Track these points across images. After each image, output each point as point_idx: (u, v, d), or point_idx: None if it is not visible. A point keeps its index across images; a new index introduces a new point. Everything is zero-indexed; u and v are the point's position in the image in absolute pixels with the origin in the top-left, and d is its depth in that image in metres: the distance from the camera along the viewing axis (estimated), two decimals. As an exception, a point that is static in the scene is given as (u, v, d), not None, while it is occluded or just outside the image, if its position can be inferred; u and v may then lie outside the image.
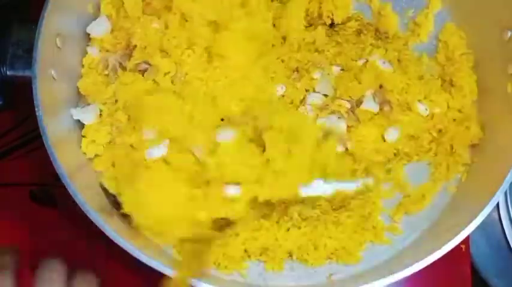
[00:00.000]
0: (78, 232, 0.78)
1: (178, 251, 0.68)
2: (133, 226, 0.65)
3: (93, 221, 0.61)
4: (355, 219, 0.70)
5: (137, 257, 0.60)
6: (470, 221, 0.62)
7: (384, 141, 0.71)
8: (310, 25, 0.75)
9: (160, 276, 0.60)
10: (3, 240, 0.79)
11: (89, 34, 0.73)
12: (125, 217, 0.65)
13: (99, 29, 0.72)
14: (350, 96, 0.71)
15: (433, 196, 0.73)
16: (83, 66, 0.72)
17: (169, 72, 0.69)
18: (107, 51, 0.72)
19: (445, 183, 0.73)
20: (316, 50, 0.74)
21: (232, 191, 0.65)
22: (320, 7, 0.75)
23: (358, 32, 0.75)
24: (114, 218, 0.66)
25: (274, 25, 0.73)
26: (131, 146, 0.67)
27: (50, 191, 0.80)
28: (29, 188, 0.81)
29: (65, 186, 0.62)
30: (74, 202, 0.62)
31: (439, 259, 0.61)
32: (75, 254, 0.77)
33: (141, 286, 0.76)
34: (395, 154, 0.72)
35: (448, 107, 0.73)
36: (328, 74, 0.72)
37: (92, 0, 0.73)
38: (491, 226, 0.84)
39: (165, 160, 0.66)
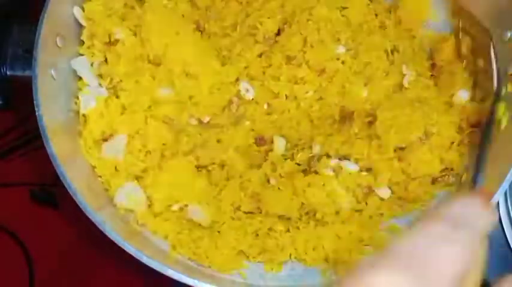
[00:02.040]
0: (78, 231, 0.78)
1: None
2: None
3: (93, 221, 0.61)
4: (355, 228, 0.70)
5: (137, 257, 0.61)
6: (470, 222, 0.62)
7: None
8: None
9: (160, 276, 0.60)
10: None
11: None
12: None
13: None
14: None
15: (433, 196, 0.72)
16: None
17: None
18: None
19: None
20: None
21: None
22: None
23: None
24: (114, 218, 0.66)
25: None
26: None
27: (50, 191, 0.80)
28: (29, 188, 0.81)
29: (65, 186, 0.62)
30: (74, 201, 0.62)
31: (439, 259, 0.61)
32: (75, 254, 0.78)
33: (141, 285, 0.76)
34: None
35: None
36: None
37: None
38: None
39: None
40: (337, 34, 0.73)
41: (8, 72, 0.69)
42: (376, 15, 0.77)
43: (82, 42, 0.73)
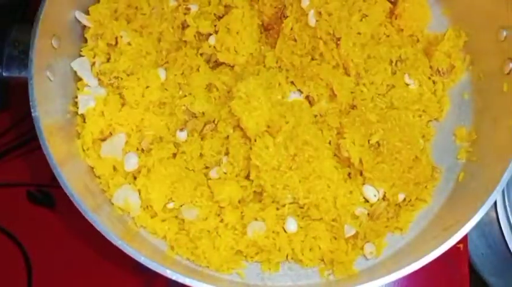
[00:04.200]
0: (76, 232, 0.78)
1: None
2: None
3: (91, 221, 0.61)
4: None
5: (135, 257, 0.60)
6: (468, 220, 0.62)
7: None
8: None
9: (158, 276, 0.60)
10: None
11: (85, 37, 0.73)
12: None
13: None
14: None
15: (431, 196, 0.73)
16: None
17: None
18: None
19: (441, 183, 0.73)
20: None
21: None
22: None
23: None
24: (112, 219, 0.66)
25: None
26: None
27: (47, 192, 0.80)
28: (26, 188, 0.81)
29: (61, 186, 0.62)
30: (71, 202, 0.62)
31: (437, 258, 0.61)
32: (72, 254, 0.78)
33: (139, 285, 0.76)
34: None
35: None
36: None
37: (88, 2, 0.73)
38: (489, 226, 0.84)
39: None
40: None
41: (4, 74, 0.69)
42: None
43: (81, 44, 0.74)
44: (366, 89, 0.73)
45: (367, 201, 0.72)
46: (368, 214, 0.71)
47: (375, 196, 0.71)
